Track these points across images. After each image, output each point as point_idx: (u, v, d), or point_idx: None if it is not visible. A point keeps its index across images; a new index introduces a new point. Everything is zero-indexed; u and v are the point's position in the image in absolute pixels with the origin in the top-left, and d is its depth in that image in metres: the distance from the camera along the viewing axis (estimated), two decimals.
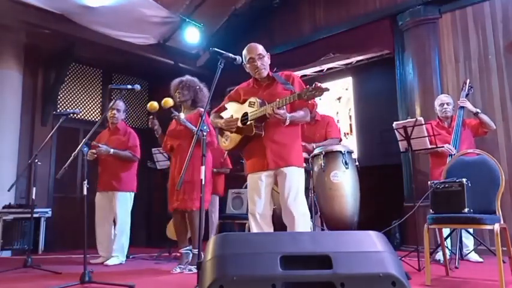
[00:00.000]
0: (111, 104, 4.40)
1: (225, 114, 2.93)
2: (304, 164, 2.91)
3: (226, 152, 5.44)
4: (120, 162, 4.36)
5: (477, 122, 3.97)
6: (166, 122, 3.95)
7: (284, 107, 2.58)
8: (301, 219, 2.64)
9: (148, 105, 3.76)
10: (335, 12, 5.96)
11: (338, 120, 6.71)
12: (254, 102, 2.70)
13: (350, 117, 6.80)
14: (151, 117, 3.84)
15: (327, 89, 2.41)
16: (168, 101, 3.65)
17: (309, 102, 2.65)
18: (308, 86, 2.45)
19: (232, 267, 1.36)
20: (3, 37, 5.68)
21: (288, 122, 2.60)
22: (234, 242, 1.46)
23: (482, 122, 3.91)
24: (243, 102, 2.83)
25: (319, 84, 2.42)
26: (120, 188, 4.35)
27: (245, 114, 2.75)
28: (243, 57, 2.81)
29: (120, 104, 4.54)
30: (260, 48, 2.81)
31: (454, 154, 3.70)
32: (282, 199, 2.70)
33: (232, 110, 2.87)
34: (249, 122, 2.71)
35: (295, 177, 2.69)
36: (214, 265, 1.39)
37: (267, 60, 2.82)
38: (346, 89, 6.87)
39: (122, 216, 4.32)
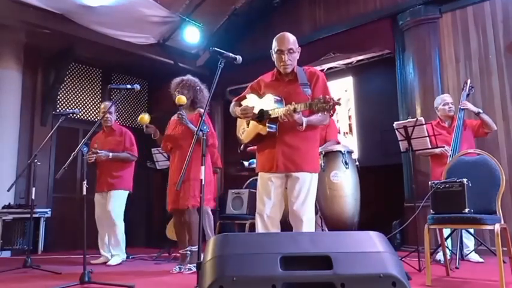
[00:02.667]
0: (102, 107, 4.47)
1: (245, 104, 2.84)
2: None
3: (217, 152, 5.40)
4: (117, 162, 4.39)
5: (478, 122, 3.96)
6: (164, 122, 3.93)
7: (300, 111, 2.48)
8: (308, 225, 2.59)
9: (139, 119, 3.62)
10: (335, 11, 5.96)
11: (338, 120, 6.71)
12: (270, 101, 2.63)
13: (349, 117, 6.79)
14: (145, 127, 3.69)
15: (338, 103, 2.32)
16: (182, 99, 3.60)
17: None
18: (320, 97, 2.35)
19: (232, 268, 1.35)
20: (3, 37, 5.68)
21: (304, 127, 2.52)
22: (234, 243, 1.46)
23: (483, 123, 3.90)
24: (262, 95, 2.74)
25: (328, 97, 2.32)
26: (117, 186, 4.38)
27: (261, 111, 2.68)
28: (272, 45, 2.71)
29: (111, 107, 4.48)
30: (292, 42, 2.67)
31: (452, 155, 3.69)
32: (289, 202, 2.65)
33: (251, 103, 2.78)
34: (263, 121, 2.64)
35: (306, 183, 2.61)
36: (214, 265, 1.38)
37: (296, 56, 2.70)
38: (346, 91, 6.87)
39: (116, 213, 4.33)
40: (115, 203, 4.34)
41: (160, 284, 3.12)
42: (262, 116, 2.66)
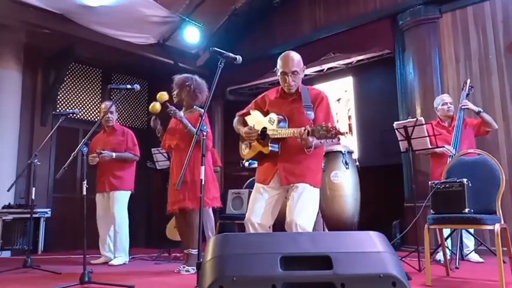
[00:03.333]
0: (102, 107, 4.47)
1: (248, 120, 2.84)
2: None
3: (215, 151, 5.39)
4: (118, 162, 4.38)
5: (478, 121, 3.96)
6: (164, 122, 3.92)
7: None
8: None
9: (150, 106, 3.66)
10: (335, 11, 5.96)
11: (337, 120, 6.71)
12: (274, 121, 2.61)
13: (349, 117, 6.80)
14: (153, 117, 3.75)
15: (341, 133, 2.30)
16: (163, 95, 3.58)
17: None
18: (323, 124, 2.32)
19: (232, 268, 1.35)
20: (3, 37, 5.68)
21: (311, 150, 2.50)
22: (234, 243, 1.46)
23: (484, 121, 3.91)
24: (266, 113, 2.73)
25: (331, 126, 2.28)
26: (120, 187, 4.37)
27: (264, 129, 2.66)
28: (277, 64, 2.69)
29: (111, 107, 4.45)
30: (296, 63, 2.64)
31: (453, 155, 3.70)
32: (287, 210, 2.62)
33: (255, 120, 2.77)
34: (266, 139, 2.63)
35: (304, 192, 2.58)
36: (214, 265, 1.38)
37: (300, 76, 2.69)
38: (346, 91, 6.87)
39: (120, 215, 4.33)
40: (119, 205, 4.33)
41: (160, 284, 3.12)
42: (264, 135, 2.65)
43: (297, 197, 2.58)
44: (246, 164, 6.22)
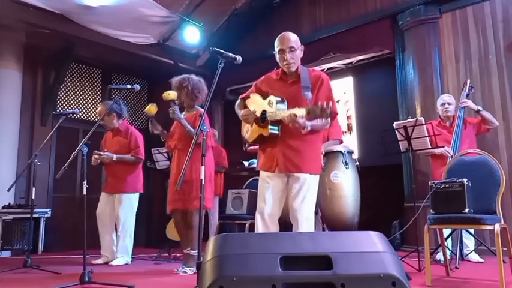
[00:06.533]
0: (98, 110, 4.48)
1: (249, 104, 2.83)
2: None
3: (224, 151, 5.44)
4: (122, 164, 4.34)
5: (479, 119, 3.97)
6: (164, 122, 3.91)
7: (302, 116, 2.45)
8: (305, 223, 2.59)
9: (146, 109, 3.68)
10: (335, 11, 5.97)
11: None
12: (272, 103, 2.61)
13: (348, 117, 6.80)
14: (150, 121, 3.73)
15: (335, 113, 2.35)
16: (169, 94, 3.58)
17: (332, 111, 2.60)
18: (318, 104, 2.33)
19: (232, 268, 1.35)
20: (3, 37, 5.68)
21: (307, 131, 2.49)
22: (234, 243, 1.46)
23: (484, 119, 3.91)
24: (266, 95, 2.72)
25: (325, 106, 2.29)
26: (126, 190, 4.33)
27: (264, 112, 2.66)
28: (274, 46, 2.70)
29: (103, 110, 4.38)
30: (292, 40, 2.66)
31: (452, 156, 3.70)
32: (289, 200, 2.66)
33: (255, 103, 2.77)
34: (266, 122, 2.64)
35: (306, 183, 2.61)
36: (214, 265, 1.38)
37: (298, 53, 2.69)
38: (345, 93, 6.87)
39: (125, 217, 4.31)
40: (123, 207, 4.30)
41: (160, 284, 3.12)
42: (264, 118, 2.65)
43: (298, 188, 2.61)
44: (246, 164, 6.23)
